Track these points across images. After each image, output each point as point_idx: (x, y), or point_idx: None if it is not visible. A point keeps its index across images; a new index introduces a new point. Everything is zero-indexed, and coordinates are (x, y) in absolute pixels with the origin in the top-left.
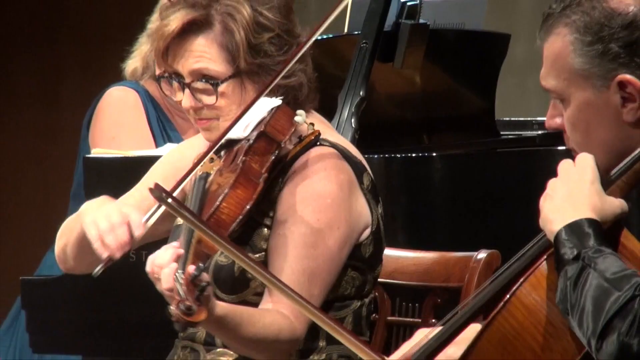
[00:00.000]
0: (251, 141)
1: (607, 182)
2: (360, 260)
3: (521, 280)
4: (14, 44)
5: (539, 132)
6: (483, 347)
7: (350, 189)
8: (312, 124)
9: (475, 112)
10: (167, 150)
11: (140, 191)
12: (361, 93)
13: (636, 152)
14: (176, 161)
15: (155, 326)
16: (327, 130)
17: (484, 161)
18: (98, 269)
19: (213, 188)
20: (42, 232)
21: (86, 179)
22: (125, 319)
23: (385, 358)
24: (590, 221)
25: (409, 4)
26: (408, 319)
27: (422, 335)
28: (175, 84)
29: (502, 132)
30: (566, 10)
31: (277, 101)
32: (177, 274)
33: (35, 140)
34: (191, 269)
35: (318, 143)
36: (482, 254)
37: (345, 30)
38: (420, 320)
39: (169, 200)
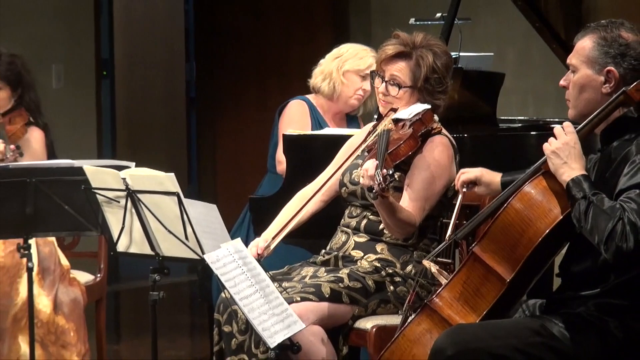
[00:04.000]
0: (413, 121)
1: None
2: (445, 197)
3: (514, 194)
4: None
5: (519, 124)
6: (493, 230)
7: (452, 160)
8: (440, 122)
9: (486, 114)
10: (338, 131)
11: (333, 165)
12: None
13: (596, 112)
14: (349, 146)
15: (323, 219)
16: (442, 127)
17: (491, 140)
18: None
19: (391, 138)
20: (260, 166)
21: (285, 148)
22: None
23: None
24: (585, 177)
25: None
26: (447, 221)
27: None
28: (379, 78)
29: (500, 125)
30: (598, 27)
31: (428, 106)
32: (377, 172)
33: (257, 101)
34: (384, 171)
35: (440, 133)
36: None
37: None
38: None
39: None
